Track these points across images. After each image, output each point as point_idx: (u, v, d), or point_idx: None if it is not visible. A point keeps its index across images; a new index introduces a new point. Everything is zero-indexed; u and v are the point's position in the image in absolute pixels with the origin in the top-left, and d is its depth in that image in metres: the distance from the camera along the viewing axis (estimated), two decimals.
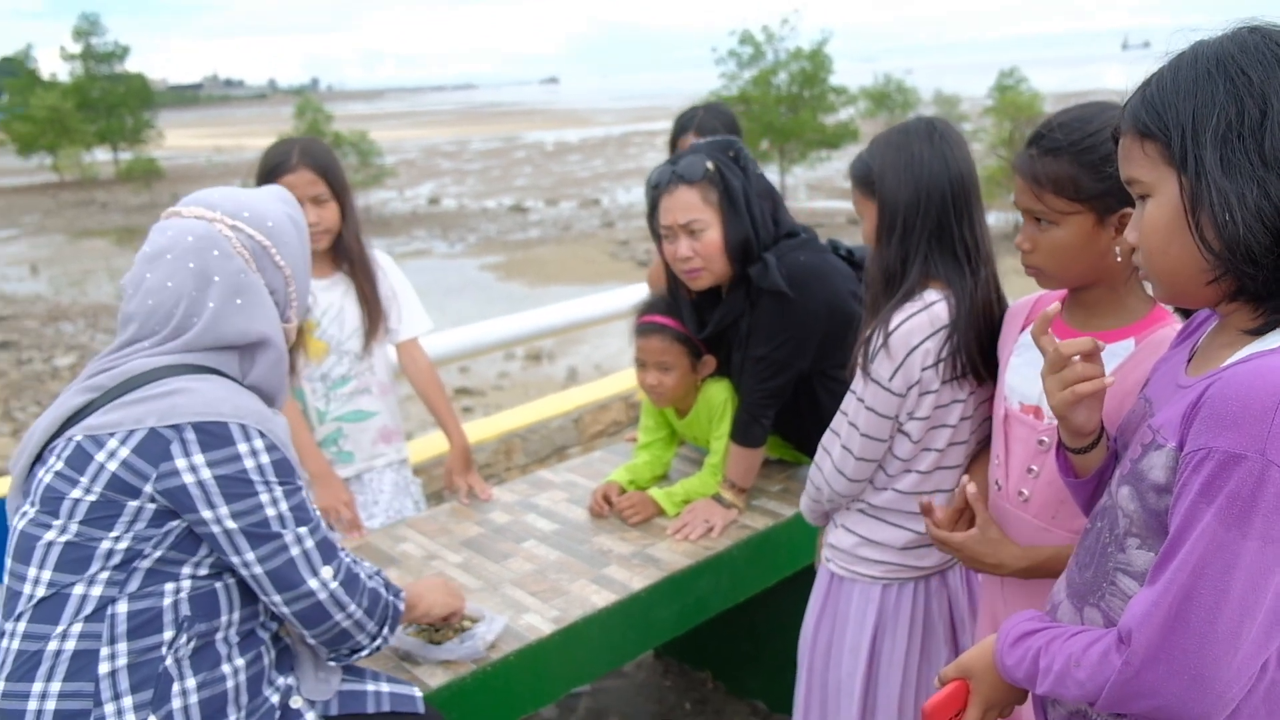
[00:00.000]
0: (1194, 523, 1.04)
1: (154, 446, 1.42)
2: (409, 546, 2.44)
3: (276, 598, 1.51)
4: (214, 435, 1.43)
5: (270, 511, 1.48)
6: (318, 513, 1.57)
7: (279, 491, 1.49)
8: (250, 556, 1.47)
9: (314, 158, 2.54)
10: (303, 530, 1.51)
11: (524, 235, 26.56)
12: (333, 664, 1.70)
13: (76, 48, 51.99)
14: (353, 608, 1.58)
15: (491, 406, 10.94)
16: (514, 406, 4.39)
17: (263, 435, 1.47)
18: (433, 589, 1.93)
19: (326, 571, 1.53)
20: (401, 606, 1.71)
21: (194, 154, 57.78)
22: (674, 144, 3.13)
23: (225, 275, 1.52)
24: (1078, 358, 1.31)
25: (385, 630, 1.66)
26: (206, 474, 1.43)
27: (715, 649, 3.16)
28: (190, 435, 1.42)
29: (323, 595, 1.53)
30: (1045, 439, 1.62)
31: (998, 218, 17.81)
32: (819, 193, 31.78)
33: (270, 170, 2.51)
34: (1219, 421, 1.03)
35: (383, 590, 1.67)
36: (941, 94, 34.90)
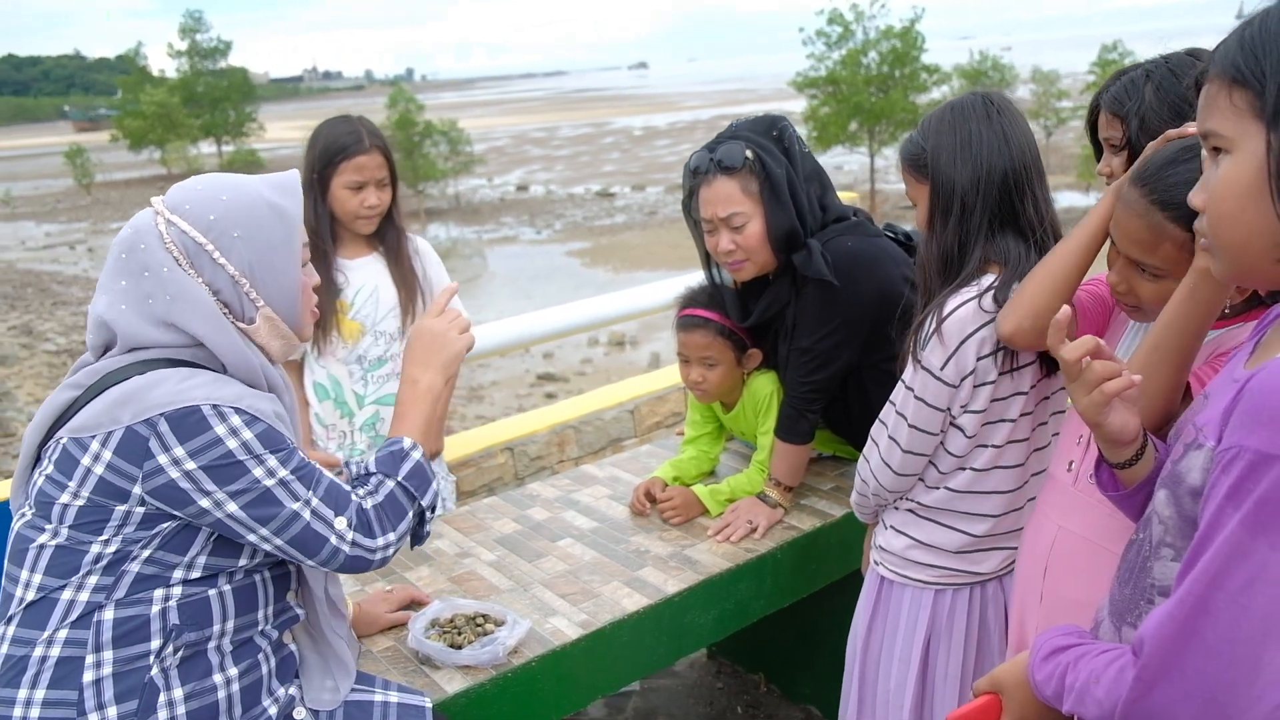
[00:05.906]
0: (1218, 528, 0.90)
1: (133, 446, 1.37)
2: (443, 544, 2.38)
3: (311, 562, 1.47)
4: (188, 423, 1.37)
5: (270, 481, 1.41)
6: (318, 467, 1.50)
7: (273, 461, 1.42)
8: (265, 531, 1.42)
9: (382, 140, 2.50)
10: (308, 491, 1.45)
11: (610, 221, 26.61)
12: (343, 670, 1.64)
13: (182, 45, 53.90)
14: (380, 541, 1.51)
15: (574, 392, 10.93)
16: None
17: (239, 412, 1.40)
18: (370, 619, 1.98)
19: (340, 523, 1.47)
20: (418, 457, 1.59)
21: (294, 145, 59.36)
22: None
23: (152, 269, 1.44)
24: (1088, 359, 1.19)
25: (425, 502, 1.58)
26: (191, 464, 1.37)
27: (769, 651, 3.04)
28: (165, 428, 1.36)
29: (346, 548, 1.47)
30: None
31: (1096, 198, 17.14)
32: None
33: (340, 150, 2.45)
34: (1255, 417, 0.88)
35: (394, 485, 1.55)
36: (1040, 70, 33.62)
